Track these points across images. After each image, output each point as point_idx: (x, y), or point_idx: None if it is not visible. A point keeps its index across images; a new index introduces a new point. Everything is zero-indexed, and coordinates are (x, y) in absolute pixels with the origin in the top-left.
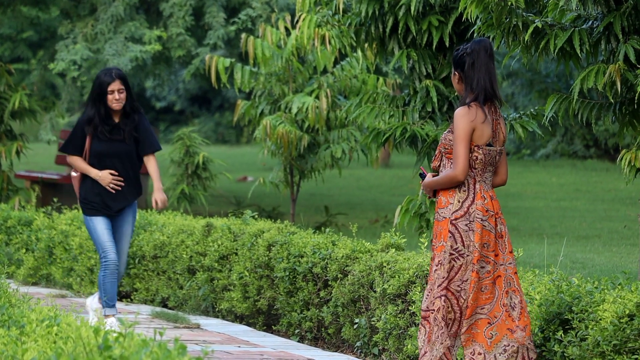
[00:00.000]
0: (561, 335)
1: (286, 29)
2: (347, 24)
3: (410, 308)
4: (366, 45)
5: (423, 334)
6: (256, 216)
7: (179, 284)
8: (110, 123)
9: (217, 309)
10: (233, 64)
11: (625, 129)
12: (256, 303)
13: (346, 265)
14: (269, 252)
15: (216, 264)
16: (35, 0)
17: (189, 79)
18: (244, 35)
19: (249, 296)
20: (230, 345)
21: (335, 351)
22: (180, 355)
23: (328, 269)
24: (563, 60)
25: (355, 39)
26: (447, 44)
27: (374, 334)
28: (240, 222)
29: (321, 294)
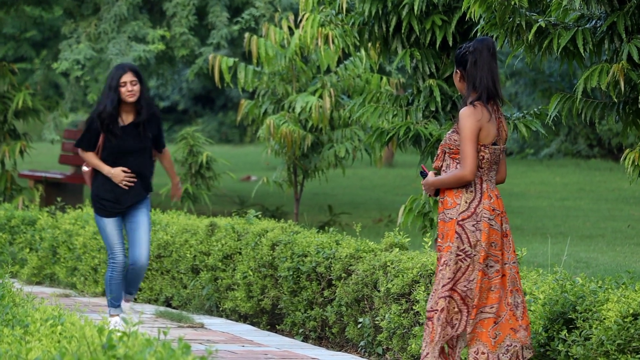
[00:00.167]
0: (565, 335)
1: (289, 28)
2: (351, 24)
3: (414, 307)
4: (369, 44)
5: (427, 333)
6: (260, 216)
7: (183, 284)
8: (117, 115)
9: (221, 309)
10: (236, 63)
11: (629, 129)
12: (260, 302)
13: (350, 265)
14: (273, 252)
15: (220, 264)
16: (39, 0)
17: (193, 78)
18: (247, 35)
19: (252, 295)
20: (234, 344)
21: (339, 350)
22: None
23: (332, 268)
24: (566, 60)
25: (358, 39)
26: (451, 43)
27: (378, 333)
28: (244, 222)
29: (325, 293)
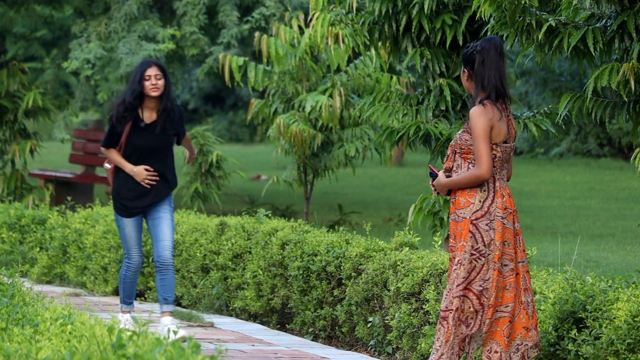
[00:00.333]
0: (575, 334)
1: (300, 27)
2: (361, 23)
3: (424, 307)
4: (380, 43)
5: (442, 333)
6: (270, 215)
7: (193, 283)
8: (137, 107)
9: (231, 308)
10: (246, 62)
11: (639, 128)
12: (270, 302)
13: (360, 264)
14: (283, 251)
15: (230, 263)
16: None
17: (203, 77)
18: (257, 34)
19: (262, 295)
20: (244, 343)
21: (349, 350)
22: (194, 354)
23: (342, 267)
24: (577, 59)
25: (368, 38)
26: (461, 42)
27: (387, 332)
28: (254, 221)
29: (335, 292)
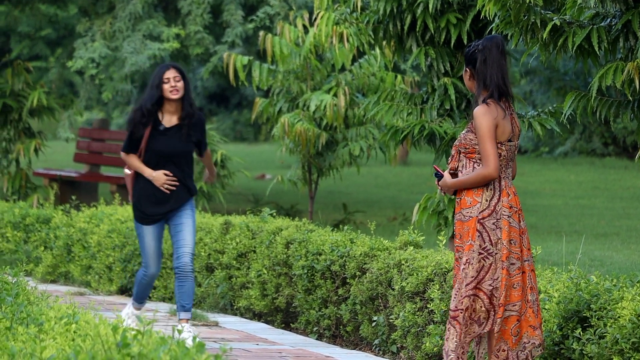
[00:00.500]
0: (580, 333)
1: (304, 26)
2: (365, 22)
3: (428, 306)
4: (384, 42)
5: (453, 334)
6: (274, 214)
7: (197, 282)
8: (156, 113)
9: (236, 307)
10: (251, 61)
11: None
12: (274, 301)
13: (364, 263)
14: (287, 250)
15: (234, 262)
16: None
17: (207, 76)
18: (262, 33)
19: (267, 294)
20: (249, 342)
21: (354, 349)
22: (199, 353)
23: (346, 266)
24: (581, 58)
25: (373, 37)
26: (465, 41)
27: (392, 331)
28: (258, 220)
29: (339, 291)
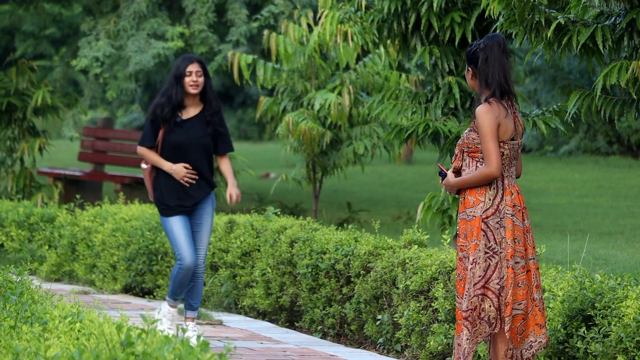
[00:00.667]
0: (584, 332)
1: (308, 25)
2: (370, 21)
3: (432, 304)
4: (389, 41)
5: (466, 334)
6: (279, 213)
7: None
8: (181, 108)
9: (240, 306)
10: (255, 60)
11: None
12: (279, 299)
13: (369, 262)
14: (292, 249)
15: (239, 261)
16: None
17: (212, 75)
18: (266, 32)
19: (271, 293)
20: (253, 341)
21: (358, 347)
22: (203, 352)
23: (350, 265)
24: (586, 57)
25: (377, 36)
26: (470, 40)
27: (396, 330)
28: (262, 219)
29: (344, 290)
